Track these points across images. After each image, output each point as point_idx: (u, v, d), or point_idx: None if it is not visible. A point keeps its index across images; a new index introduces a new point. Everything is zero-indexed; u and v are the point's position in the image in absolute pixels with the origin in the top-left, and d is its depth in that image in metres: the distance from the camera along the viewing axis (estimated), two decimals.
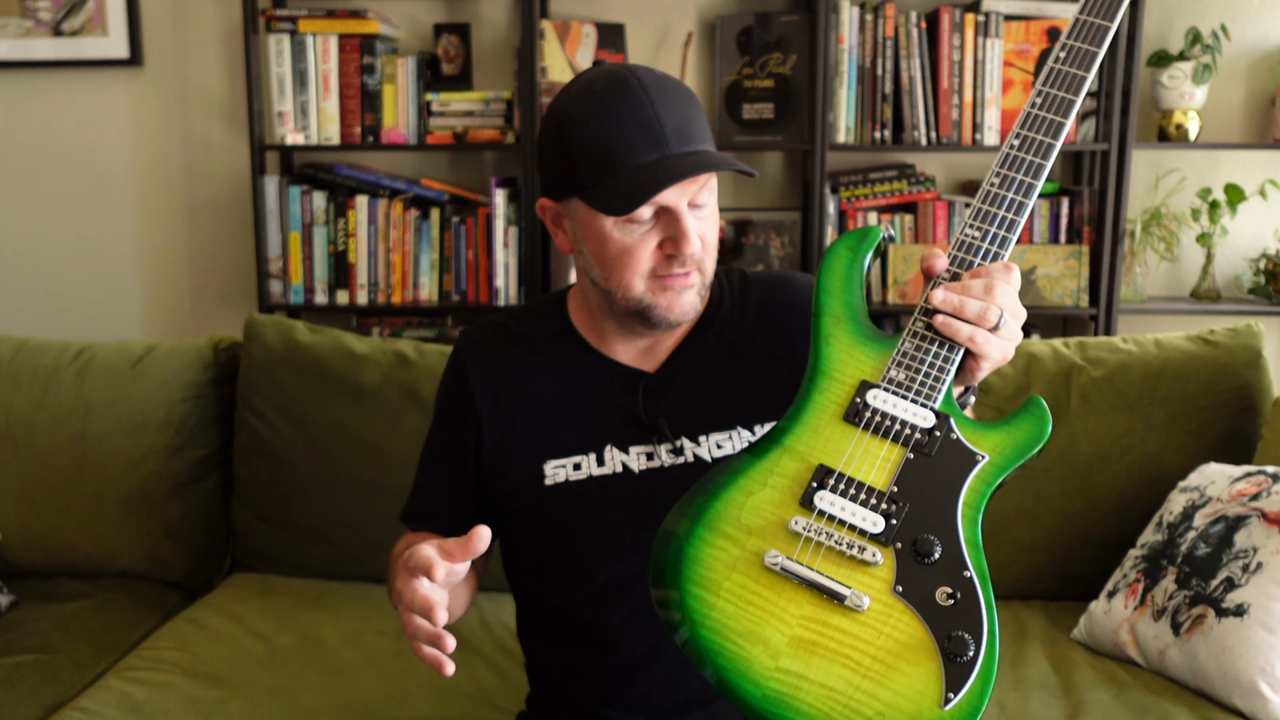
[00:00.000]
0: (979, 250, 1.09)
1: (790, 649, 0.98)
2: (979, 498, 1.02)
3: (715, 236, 1.23)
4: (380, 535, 2.06)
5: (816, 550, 1.01)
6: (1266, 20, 2.76)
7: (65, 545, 2.13)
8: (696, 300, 1.23)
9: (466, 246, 2.75)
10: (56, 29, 2.87)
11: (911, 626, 0.97)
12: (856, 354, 1.10)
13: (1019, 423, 1.06)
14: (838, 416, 1.07)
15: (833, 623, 0.98)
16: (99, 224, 2.99)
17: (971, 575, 0.99)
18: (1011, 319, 1.06)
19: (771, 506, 1.04)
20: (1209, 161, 2.81)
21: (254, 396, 2.14)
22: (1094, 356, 2.05)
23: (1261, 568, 1.62)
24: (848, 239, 1.16)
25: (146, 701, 1.68)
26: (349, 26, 2.68)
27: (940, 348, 1.07)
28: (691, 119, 1.17)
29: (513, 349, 1.33)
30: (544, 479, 1.28)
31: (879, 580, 0.99)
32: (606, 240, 1.19)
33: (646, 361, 1.30)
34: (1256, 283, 2.76)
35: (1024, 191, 1.09)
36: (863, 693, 0.96)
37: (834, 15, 2.61)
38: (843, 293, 1.14)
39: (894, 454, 1.04)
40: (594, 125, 1.16)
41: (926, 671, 0.95)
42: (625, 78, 1.16)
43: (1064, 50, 1.11)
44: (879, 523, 1.01)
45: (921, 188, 2.72)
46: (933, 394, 1.06)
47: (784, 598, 1.00)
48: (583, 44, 2.70)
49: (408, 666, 1.79)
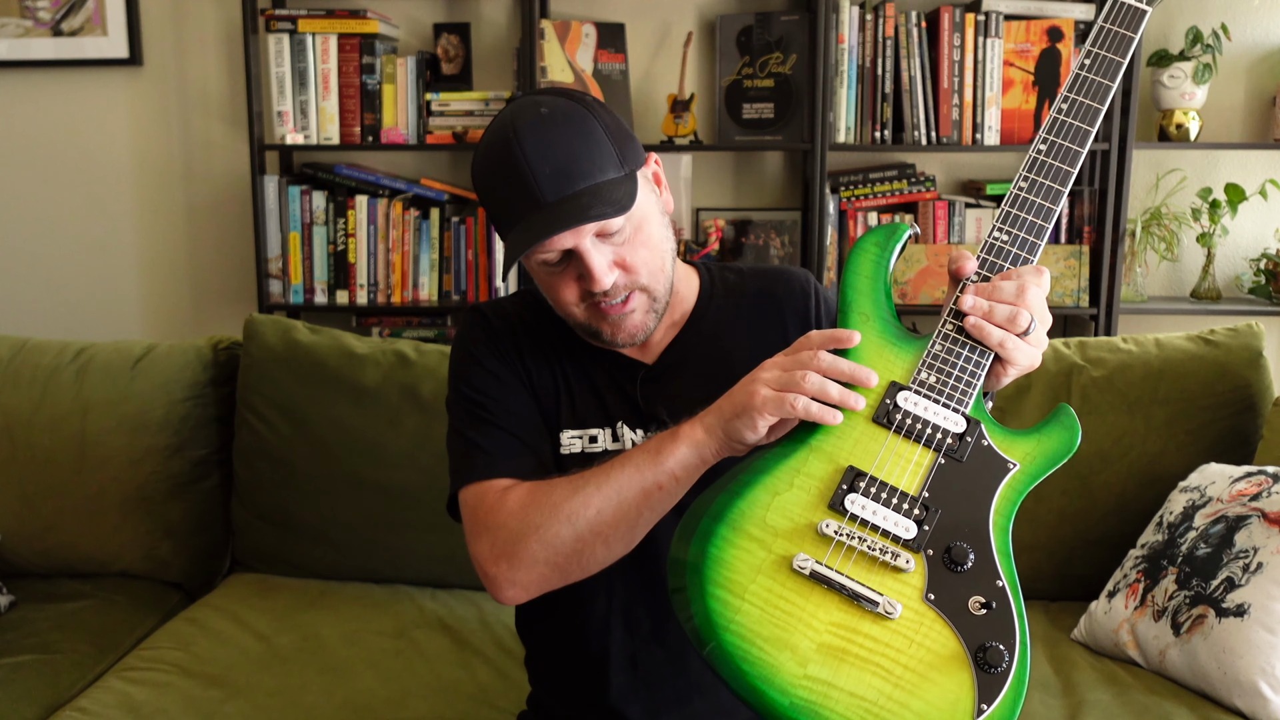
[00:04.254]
0: (1007, 254, 1.08)
1: (819, 656, 0.96)
2: (1010, 505, 1.01)
3: (646, 254, 1.21)
4: (380, 535, 2.07)
5: (848, 555, 0.99)
6: (1267, 20, 2.76)
7: (65, 545, 2.13)
8: (647, 319, 1.24)
9: (466, 246, 2.75)
10: (56, 29, 2.86)
11: (944, 636, 0.96)
12: (886, 354, 1.07)
13: (1049, 431, 1.05)
14: (867, 418, 1.04)
15: (863, 630, 0.96)
16: (98, 224, 2.99)
17: (1004, 585, 0.97)
18: (1040, 325, 1.05)
19: (799, 508, 1.01)
20: (1209, 161, 2.81)
21: (254, 396, 2.13)
22: (1094, 356, 2.05)
23: (1262, 568, 1.62)
24: (875, 234, 1.14)
25: (146, 702, 1.68)
26: (349, 26, 2.68)
27: (970, 351, 1.05)
28: (574, 158, 1.16)
29: (525, 326, 1.34)
30: (560, 447, 1.28)
31: (910, 588, 0.98)
32: (537, 280, 1.24)
33: (644, 353, 1.32)
34: (1257, 283, 2.76)
35: (1051, 197, 1.08)
36: (895, 702, 0.94)
37: (834, 15, 2.61)
38: (870, 291, 1.11)
39: (925, 458, 1.02)
40: (485, 188, 1.21)
41: (959, 682, 0.94)
42: (505, 131, 1.17)
43: (1089, 58, 1.11)
44: (911, 528, 0.99)
45: (921, 188, 2.71)
46: (964, 398, 1.04)
47: (812, 603, 0.97)
48: (583, 44, 2.70)
49: (408, 666, 1.79)
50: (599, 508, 1.12)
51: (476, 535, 1.20)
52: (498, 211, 1.20)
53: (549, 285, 1.23)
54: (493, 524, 1.18)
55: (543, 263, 1.20)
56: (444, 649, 1.85)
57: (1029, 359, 1.05)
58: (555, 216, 1.14)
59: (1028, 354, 1.05)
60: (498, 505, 1.19)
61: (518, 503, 1.17)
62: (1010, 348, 1.03)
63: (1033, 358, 1.06)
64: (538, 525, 1.14)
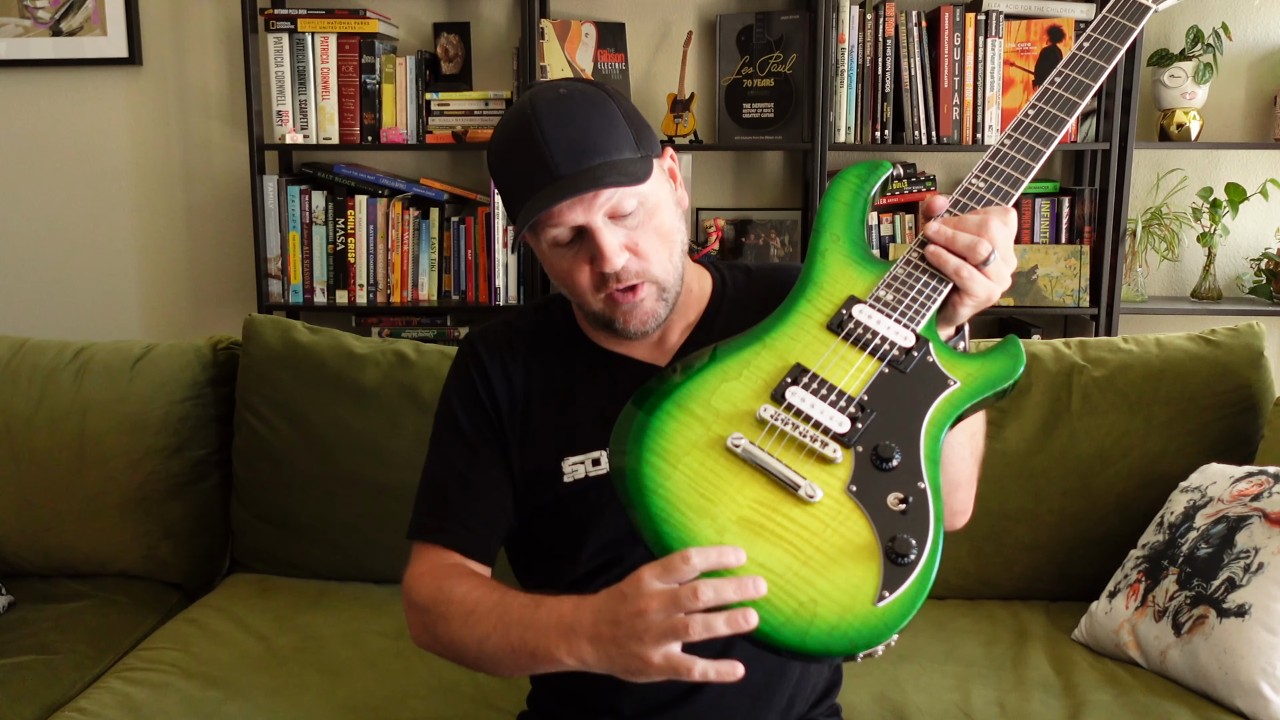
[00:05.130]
0: (981, 199, 1.13)
1: (736, 527, 1.00)
2: (944, 418, 1.05)
3: (657, 240, 1.21)
4: (380, 535, 2.07)
5: (780, 439, 1.04)
6: (1267, 20, 2.76)
7: (64, 546, 2.13)
8: (658, 309, 1.23)
9: (466, 246, 2.75)
10: (55, 28, 2.86)
11: (859, 525, 0.99)
12: (849, 271, 1.14)
13: (994, 356, 1.10)
14: (821, 324, 1.11)
15: (782, 510, 1.00)
16: (98, 224, 2.99)
17: (925, 487, 1.01)
18: (1002, 261, 1.09)
19: (743, 394, 1.07)
20: (1210, 161, 2.81)
21: (253, 396, 2.13)
22: (1095, 356, 2.04)
23: (1263, 568, 1.61)
24: (858, 168, 1.21)
25: (145, 702, 1.68)
26: (348, 26, 2.68)
27: (930, 278, 1.11)
28: (590, 134, 1.16)
29: (524, 346, 1.34)
30: (563, 476, 1.27)
31: (835, 479, 1.02)
32: (548, 263, 1.24)
33: (657, 356, 1.31)
34: (1257, 282, 2.76)
35: (1032, 155, 1.14)
36: (800, 579, 0.97)
37: (834, 14, 2.60)
38: (845, 215, 1.18)
39: (869, 365, 1.08)
40: (500, 164, 1.22)
41: (866, 569, 0.97)
42: (523, 109, 1.19)
43: (1089, 41, 1.18)
44: (845, 424, 1.04)
45: (922, 187, 2.71)
46: (917, 318, 1.09)
47: (740, 480, 1.02)
48: (582, 43, 2.70)
49: (407, 666, 1.79)
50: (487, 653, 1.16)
51: (406, 588, 1.28)
52: (511, 185, 1.20)
53: (562, 271, 1.22)
54: (414, 595, 1.26)
55: (554, 242, 1.20)
56: None
57: (985, 290, 1.09)
58: (569, 187, 1.14)
59: (984, 285, 1.09)
60: (419, 583, 1.26)
61: (429, 597, 1.23)
62: (966, 276, 1.08)
63: (990, 290, 1.10)
64: (442, 631, 1.20)
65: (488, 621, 1.15)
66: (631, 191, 1.17)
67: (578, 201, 1.15)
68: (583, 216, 1.16)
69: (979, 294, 1.09)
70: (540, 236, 1.20)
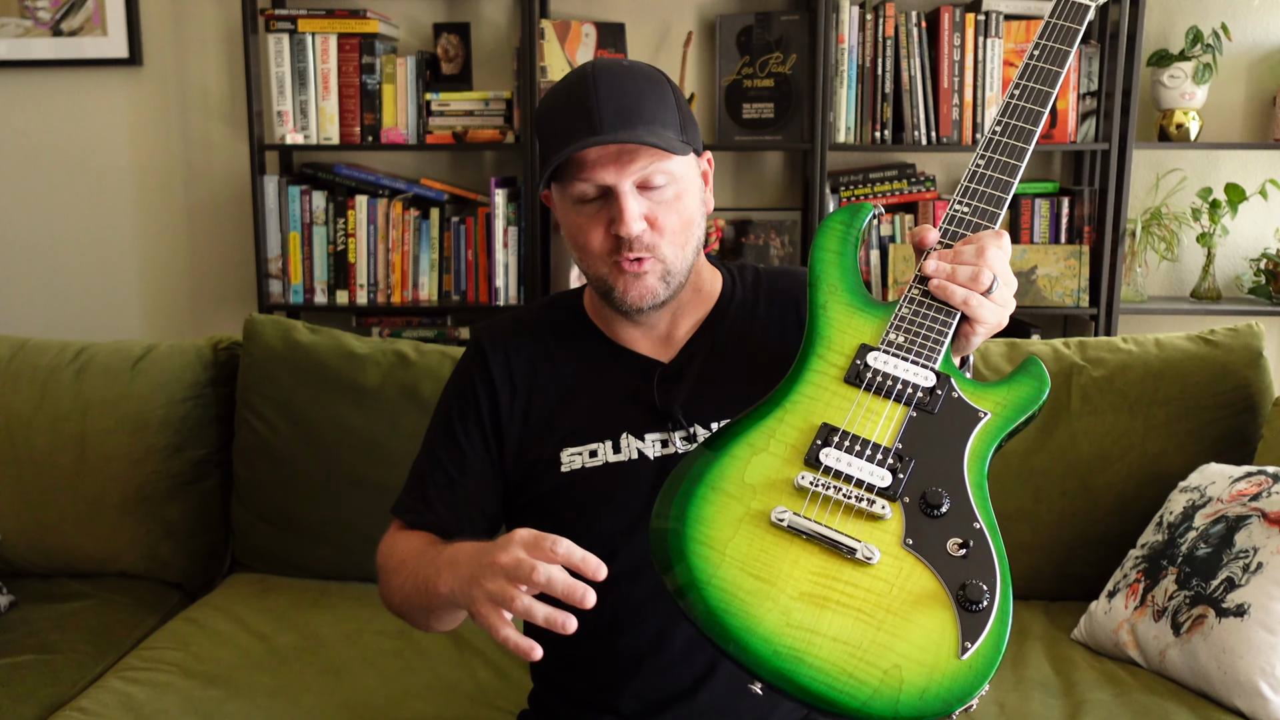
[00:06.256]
0: (968, 224, 1.13)
1: (801, 604, 0.96)
2: (984, 451, 1.04)
3: (677, 222, 1.23)
4: (380, 535, 2.06)
5: (824, 504, 1.01)
6: (1267, 20, 2.76)
7: (65, 545, 2.13)
8: (658, 287, 1.24)
9: (466, 246, 2.75)
10: (56, 28, 2.86)
11: (924, 578, 0.96)
12: (854, 320, 1.12)
13: (1019, 381, 1.09)
14: (838, 379, 1.08)
15: (843, 576, 0.97)
16: (98, 224, 2.99)
17: (981, 526, 0.99)
18: (1003, 285, 1.09)
19: (776, 465, 1.04)
20: (1209, 161, 2.81)
21: (254, 396, 2.13)
22: (1094, 356, 2.05)
23: (1262, 568, 1.62)
24: (840, 214, 1.21)
25: (146, 702, 1.68)
26: (348, 26, 2.68)
27: (937, 312, 1.09)
28: (641, 104, 1.19)
29: (530, 339, 1.36)
30: (560, 466, 1.29)
31: (889, 535, 0.99)
32: (566, 219, 1.25)
33: (662, 351, 1.32)
34: (1257, 283, 2.76)
35: (1009, 171, 1.13)
36: (878, 645, 0.94)
37: (834, 15, 2.61)
38: (838, 263, 1.17)
39: (897, 413, 1.05)
40: (547, 114, 1.24)
41: (941, 622, 0.94)
42: (584, 69, 1.22)
43: (1038, 49, 1.18)
44: (886, 477, 1.01)
45: (921, 187, 2.71)
46: (932, 355, 1.08)
47: (792, 554, 0.99)
48: (583, 43, 2.70)
49: (408, 666, 1.79)
50: (406, 597, 1.23)
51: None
52: (550, 134, 1.21)
53: (579, 228, 1.23)
54: (377, 560, 1.34)
55: (579, 197, 1.21)
56: (444, 649, 1.85)
57: (995, 316, 1.09)
58: (601, 138, 1.16)
59: (993, 311, 1.09)
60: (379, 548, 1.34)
61: (383, 557, 1.32)
62: (975, 305, 1.08)
63: (999, 315, 1.10)
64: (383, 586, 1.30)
65: (408, 568, 1.22)
66: (664, 167, 1.20)
67: (612, 161, 1.17)
68: (613, 177, 1.18)
69: (990, 320, 1.09)
70: (567, 190, 1.22)
